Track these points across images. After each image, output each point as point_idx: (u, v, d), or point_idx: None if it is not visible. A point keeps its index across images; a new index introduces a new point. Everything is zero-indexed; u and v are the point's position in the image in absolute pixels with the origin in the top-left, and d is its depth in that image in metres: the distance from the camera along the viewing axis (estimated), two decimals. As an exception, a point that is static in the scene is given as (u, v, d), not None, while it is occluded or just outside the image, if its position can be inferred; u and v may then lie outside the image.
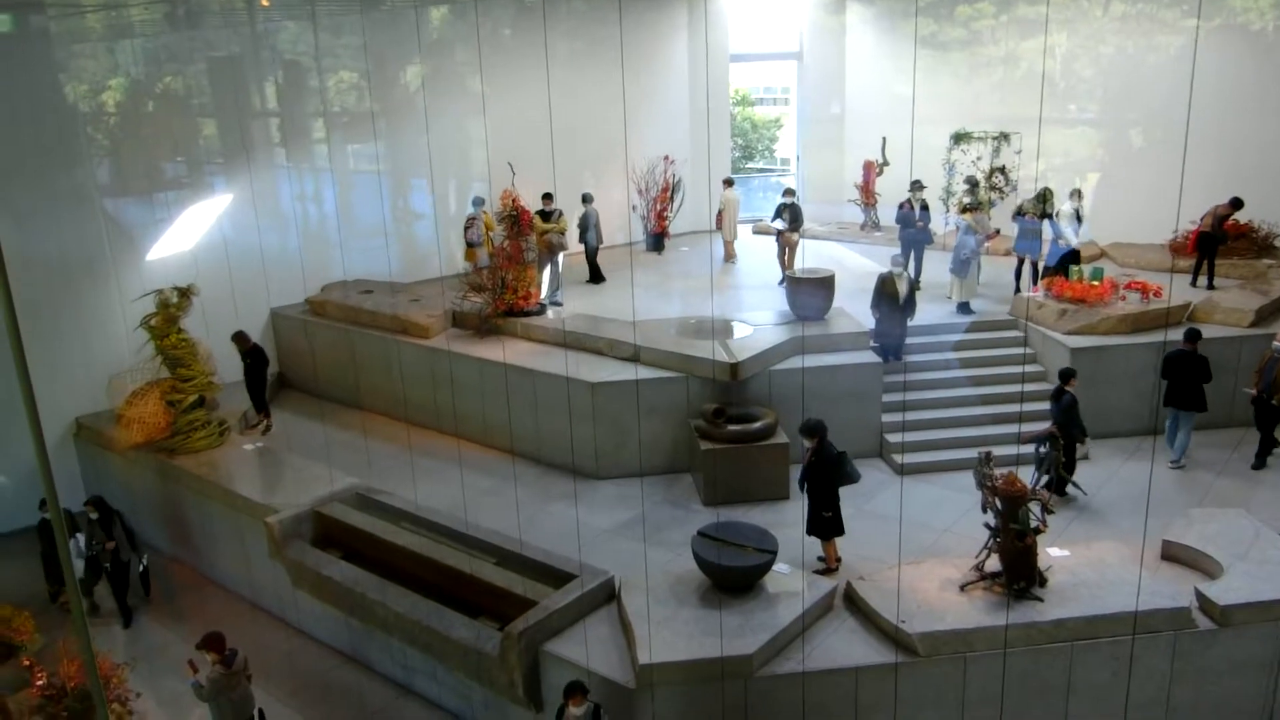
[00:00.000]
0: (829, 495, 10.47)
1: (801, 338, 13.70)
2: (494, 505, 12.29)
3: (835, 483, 10.47)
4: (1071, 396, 11.80)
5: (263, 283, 15.25)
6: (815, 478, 10.49)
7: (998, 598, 9.13)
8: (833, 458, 10.43)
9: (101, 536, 11.95)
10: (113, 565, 12.07)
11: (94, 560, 12.12)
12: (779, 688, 8.63)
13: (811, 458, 10.50)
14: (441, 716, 10.41)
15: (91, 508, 12.07)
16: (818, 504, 10.53)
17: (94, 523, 12.01)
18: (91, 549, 12.02)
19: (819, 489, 10.49)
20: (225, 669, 9.04)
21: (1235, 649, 8.98)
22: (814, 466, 10.47)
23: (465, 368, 14.40)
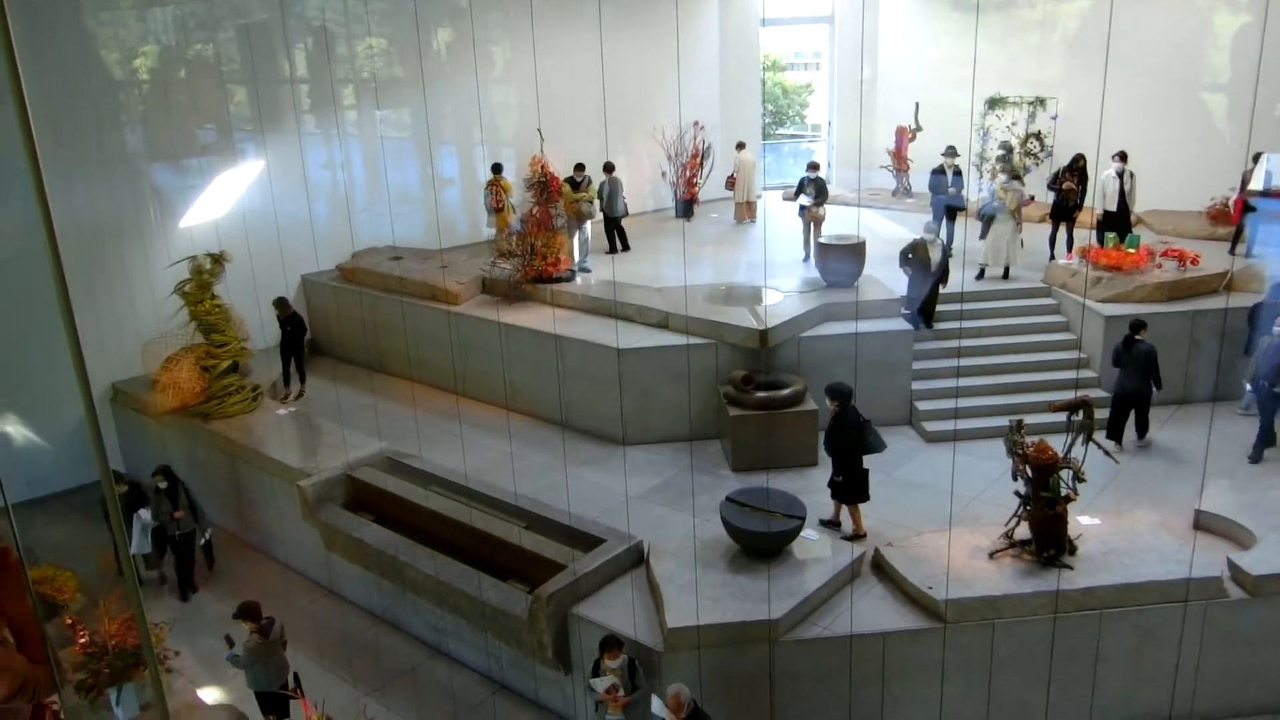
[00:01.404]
0: (848, 460, 10.46)
1: (829, 305, 13.63)
2: (522, 469, 12.36)
3: (856, 449, 10.45)
4: (1150, 345, 11.77)
5: (294, 249, 15.34)
6: (834, 442, 10.50)
7: (1026, 565, 9.11)
8: (855, 424, 10.41)
9: (169, 507, 11.93)
10: (180, 536, 12.06)
11: (160, 531, 12.09)
12: (805, 652, 8.68)
13: (832, 421, 10.51)
14: (471, 677, 10.56)
15: (160, 477, 12.02)
16: (836, 468, 10.56)
17: (161, 493, 11.97)
18: (159, 519, 11.98)
19: (838, 453, 10.50)
20: (262, 638, 9.20)
21: (1266, 619, 8.92)
22: (833, 430, 10.48)
23: (494, 333, 14.45)
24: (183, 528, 12.02)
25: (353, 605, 11.94)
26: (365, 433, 12.91)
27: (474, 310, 14.99)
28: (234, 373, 13.68)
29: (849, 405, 10.47)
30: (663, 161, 20.74)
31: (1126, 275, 13.96)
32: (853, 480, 10.51)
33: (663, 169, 20.85)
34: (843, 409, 10.45)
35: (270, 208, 15.47)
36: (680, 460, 12.46)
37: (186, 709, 9.67)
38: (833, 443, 10.53)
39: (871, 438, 10.48)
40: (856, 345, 13.10)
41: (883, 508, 11.26)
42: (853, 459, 10.47)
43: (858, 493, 10.59)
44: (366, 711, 8.11)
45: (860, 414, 10.51)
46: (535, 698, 10.05)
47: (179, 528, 12.00)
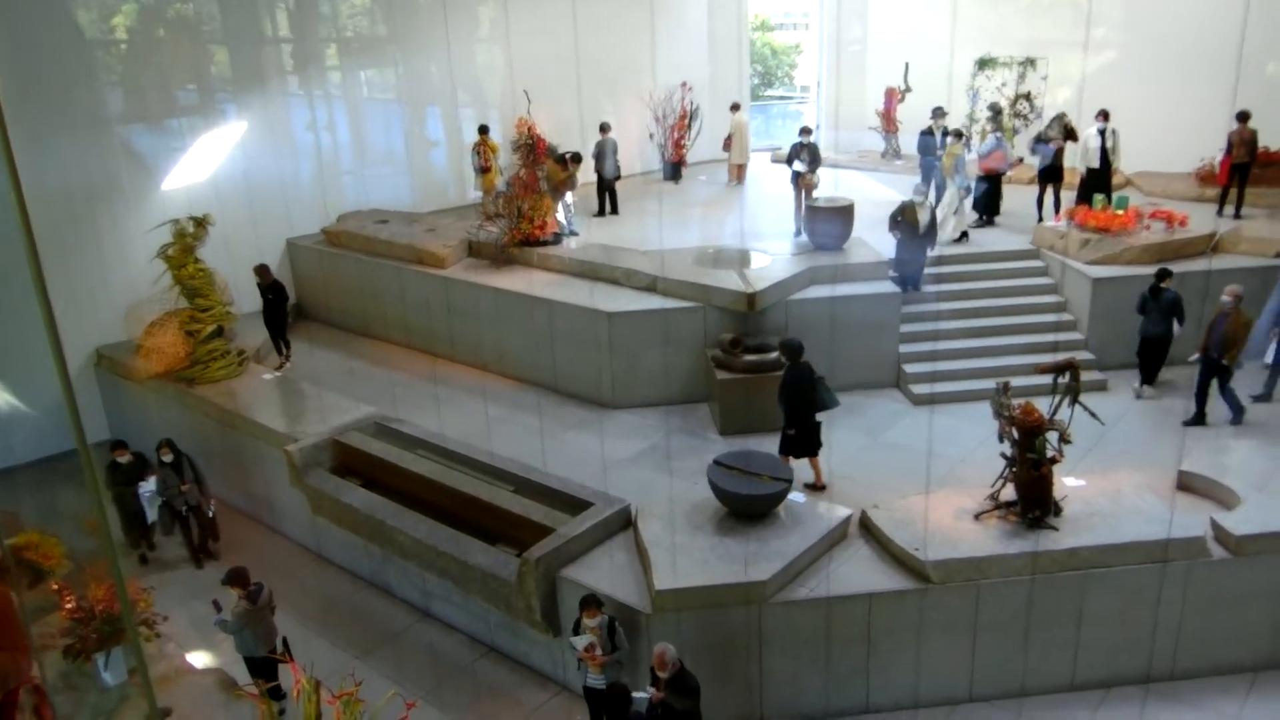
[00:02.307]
0: (800, 415, 10.64)
1: (817, 268, 13.60)
2: (510, 433, 12.38)
3: (809, 404, 10.64)
4: (1175, 293, 12.02)
5: (278, 212, 15.22)
6: (787, 396, 10.69)
7: (1012, 527, 9.16)
8: (808, 379, 10.63)
9: (176, 480, 11.68)
10: (187, 509, 11.85)
11: (168, 504, 11.83)
12: (792, 613, 8.73)
13: (785, 376, 10.78)
14: (459, 639, 10.61)
15: (165, 449, 11.71)
16: (788, 422, 10.76)
17: (167, 466, 11.70)
18: (165, 493, 11.73)
19: (791, 408, 10.68)
20: (250, 604, 9.19)
21: (1248, 578, 9.01)
22: (785, 385, 10.72)
23: (481, 297, 14.38)
24: (189, 500, 11.79)
25: (340, 569, 11.96)
26: (352, 397, 12.86)
27: (460, 274, 14.90)
28: (218, 337, 13.58)
29: (801, 361, 10.68)
30: (650, 123, 20.57)
31: (1114, 237, 13.95)
32: (805, 435, 10.69)
33: (650, 131, 20.68)
34: (795, 365, 10.68)
35: (253, 170, 15.32)
36: (668, 424, 12.46)
37: (176, 673, 9.69)
38: (785, 397, 10.72)
39: (824, 394, 10.72)
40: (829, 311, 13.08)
41: (869, 470, 11.32)
42: (804, 414, 10.65)
43: (809, 446, 10.78)
44: (355, 674, 8.12)
45: (814, 370, 10.69)
46: (523, 659, 10.11)
47: (186, 500, 11.77)
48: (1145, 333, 12.58)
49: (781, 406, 10.81)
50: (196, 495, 11.83)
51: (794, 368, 10.73)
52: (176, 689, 9.23)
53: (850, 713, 9.07)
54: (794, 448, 10.81)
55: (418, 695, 9.23)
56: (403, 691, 8.42)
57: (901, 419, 12.66)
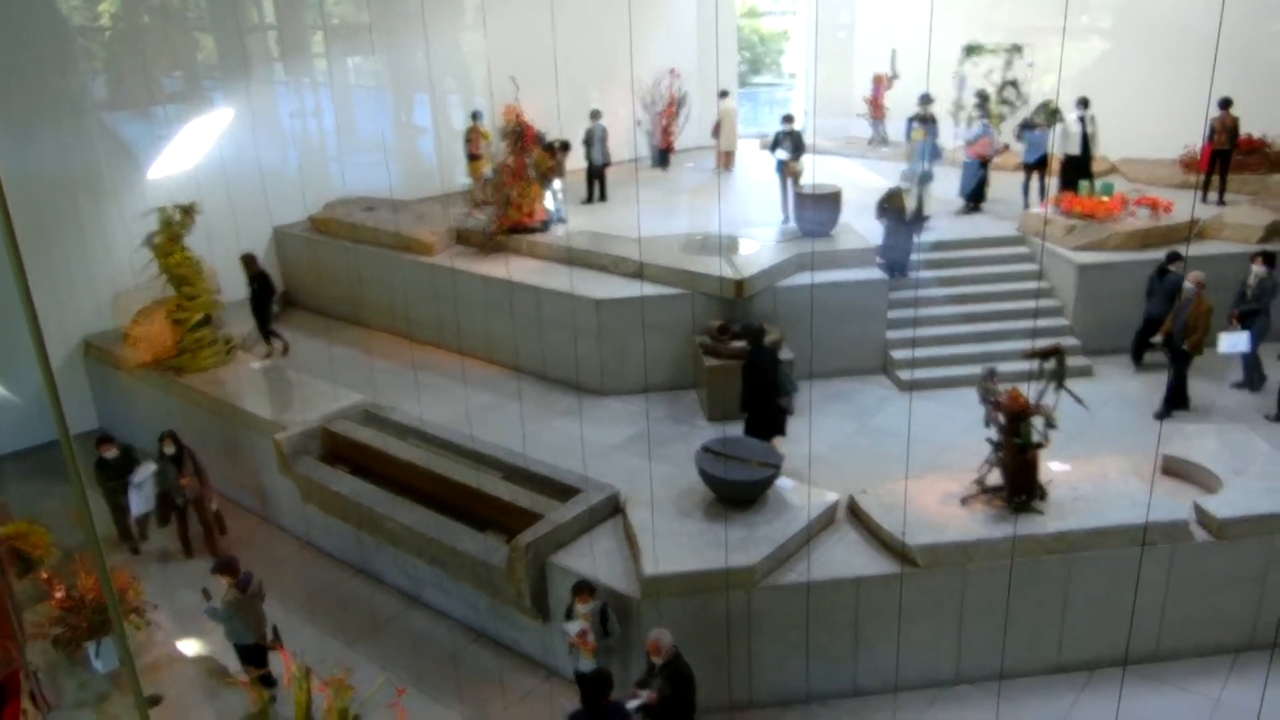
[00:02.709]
0: (760, 398, 10.88)
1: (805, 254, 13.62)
2: (498, 421, 12.40)
3: (770, 388, 10.87)
4: (1180, 275, 12.11)
5: (265, 200, 15.13)
6: (747, 379, 10.92)
7: (998, 511, 9.24)
8: (769, 363, 10.87)
9: (175, 473, 11.48)
10: (184, 503, 11.68)
11: (166, 497, 11.70)
12: (781, 598, 8.80)
13: (745, 360, 10.98)
14: (449, 626, 10.65)
15: (168, 442, 11.49)
16: (748, 405, 10.99)
17: (168, 459, 11.49)
18: (165, 485, 11.58)
19: (750, 391, 10.94)
20: (240, 592, 9.21)
21: (1230, 562, 9.11)
22: (746, 369, 10.92)
23: (469, 285, 14.37)
24: (188, 494, 11.61)
25: (330, 557, 11.98)
26: (340, 385, 12.85)
27: (448, 261, 14.88)
28: (206, 325, 13.55)
29: (763, 345, 10.92)
30: (639, 110, 20.52)
31: (1100, 223, 14.02)
32: (766, 417, 10.88)
33: (638, 118, 20.64)
34: (756, 348, 10.88)
35: (240, 158, 15.24)
36: (656, 410, 12.49)
37: (166, 661, 9.71)
38: (745, 380, 10.92)
39: (784, 379, 10.94)
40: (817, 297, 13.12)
41: (857, 455, 11.39)
42: (765, 397, 10.82)
43: (771, 428, 10.93)
44: (345, 662, 8.17)
45: (776, 354, 10.94)
46: (513, 645, 10.15)
47: (185, 495, 11.59)
48: (1148, 313, 12.77)
49: (743, 390, 11.06)
50: (197, 489, 11.60)
51: (755, 352, 10.99)
52: (167, 677, 9.25)
53: (838, 696, 9.16)
54: (753, 429, 10.99)
55: (407, 682, 9.29)
56: (393, 678, 8.48)
57: (889, 404, 12.73)
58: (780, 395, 10.97)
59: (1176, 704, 8.88)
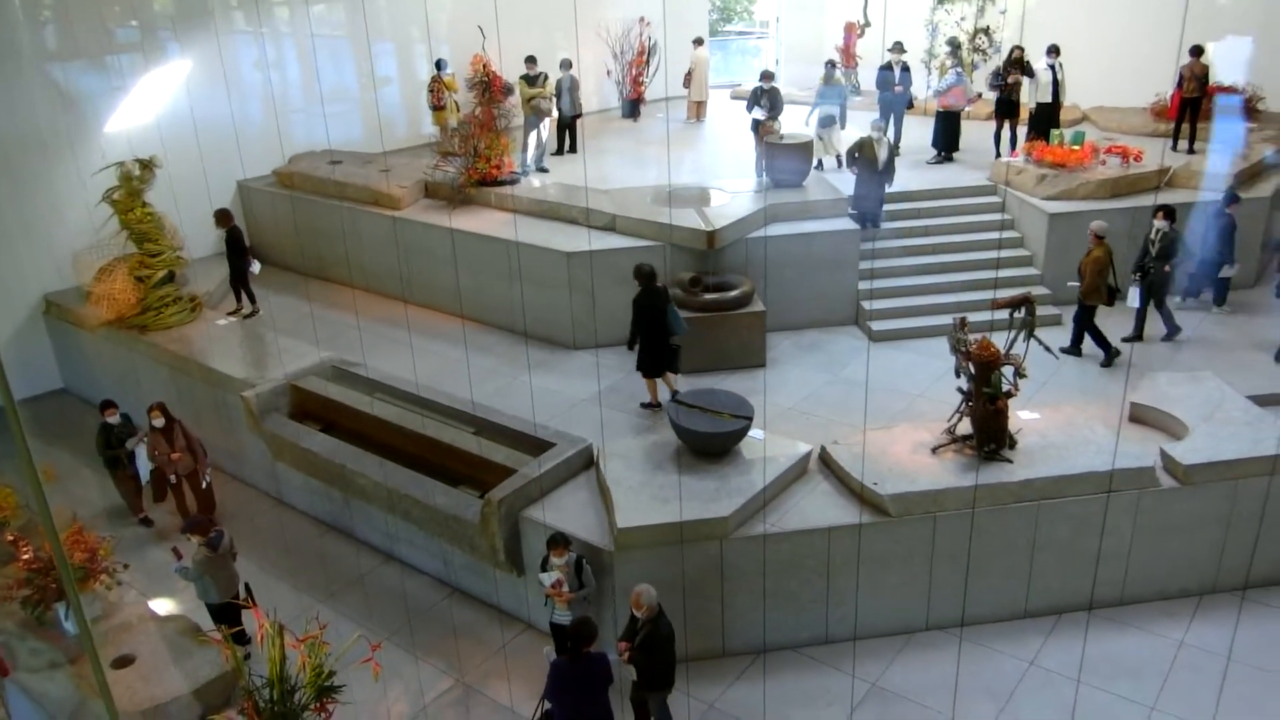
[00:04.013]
0: (646, 334, 11.13)
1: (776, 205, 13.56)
2: (470, 375, 12.31)
3: (657, 325, 11.05)
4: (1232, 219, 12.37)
5: (227, 154, 14.82)
6: (637, 319, 11.15)
7: (968, 460, 9.31)
8: (657, 301, 11.00)
9: (166, 448, 11.15)
10: (177, 478, 11.34)
11: (159, 471, 11.33)
12: (754, 548, 8.84)
13: (635, 300, 11.17)
14: (423, 581, 10.66)
15: (157, 412, 11.13)
16: (639, 345, 11.22)
17: (157, 432, 11.13)
18: (154, 460, 11.19)
19: (641, 330, 11.16)
20: (211, 551, 9.14)
21: (1195, 506, 9.25)
22: (636, 309, 11.13)
23: (438, 239, 14.20)
24: (180, 470, 11.30)
25: (302, 514, 11.92)
26: (309, 341, 12.70)
27: (417, 215, 14.69)
28: (170, 283, 13.32)
29: (653, 285, 11.08)
30: (608, 60, 20.25)
31: (1071, 172, 14.02)
32: (654, 354, 11.18)
33: (608, 67, 20.37)
34: (647, 289, 11.05)
35: (200, 111, 14.88)
36: (628, 363, 12.43)
37: (139, 620, 9.64)
38: (636, 318, 11.16)
39: (672, 319, 11.07)
40: (789, 248, 13.07)
41: (829, 406, 11.43)
42: (653, 334, 11.09)
43: (658, 366, 11.26)
44: (319, 618, 8.14)
45: (666, 294, 11.10)
46: (488, 599, 10.18)
47: (177, 469, 11.26)
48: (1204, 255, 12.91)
49: (632, 329, 11.26)
50: (190, 463, 11.31)
51: (646, 290, 11.10)
52: (138, 636, 9.19)
53: (811, 643, 9.26)
54: (644, 366, 11.30)
55: (383, 637, 9.29)
56: (368, 634, 8.47)
57: (860, 355, 12.75)
58: (670, 334, 11.19)
59: (1141, 646, 9.06)
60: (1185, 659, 8.87)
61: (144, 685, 8.62)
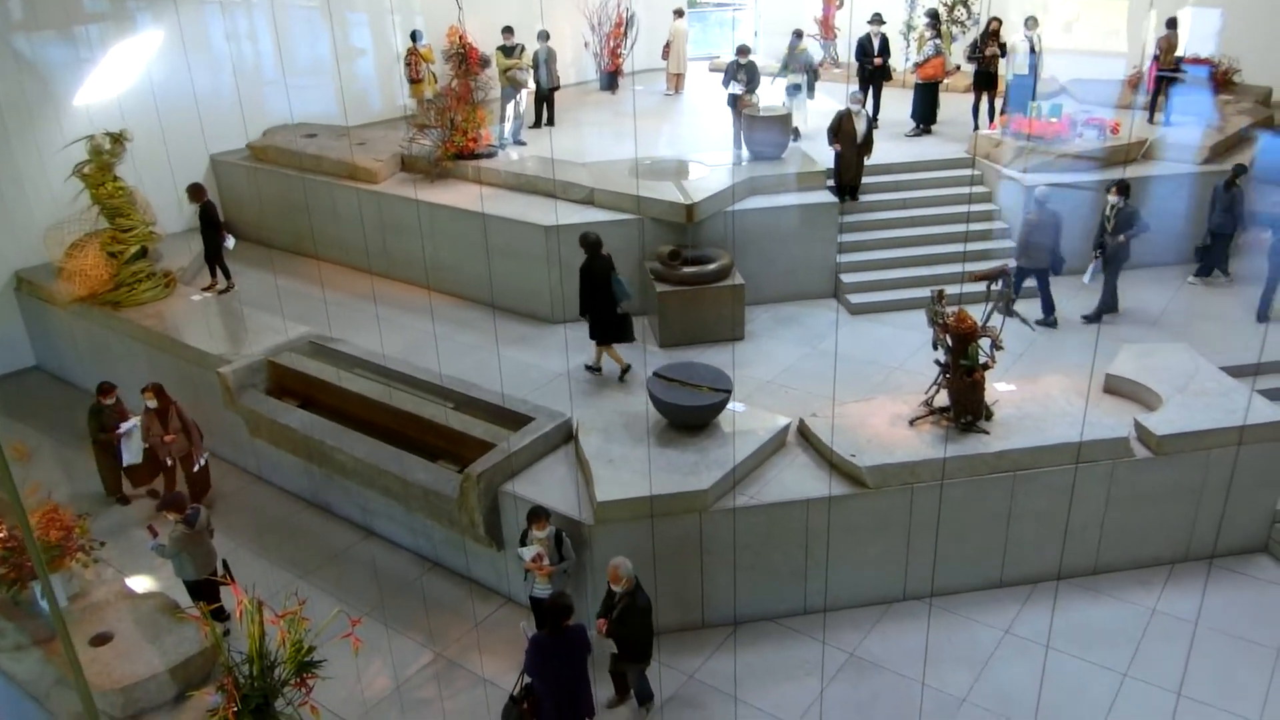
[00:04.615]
0: (592, 303, 11.29)
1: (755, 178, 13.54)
2: (448, 350, 12.26)
3: (603, 294, 11.20)
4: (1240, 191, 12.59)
5: (200, 127, 14.61)
6: (583, 287, 11.31)
7: (945, 431, 9.37)
8: (604, 271, 11.16)
9: (160, 429, 10.91)
10: (171, 461, 11.14)
11: (152, 453, 11.13)
12: (732, 520, 8.88)
13: (582, 269, 11.30)
14: (403, 556, 10.66)
15: (150, 394, 10.88)
16: (588, 312, 11.40)
17: (151, 413, 10.90)
18: (148, 441, 10.98)
19: (588, 298, 11.32)
20: (188, 528, 9.09)
21: (1167, 476, 9.36)
22: (582, 277, 11.29)
23: (415, 213, 14.09)
24: (174, 452, 11.10)
25: (281, 490, 11.88)
26: (285, 317, 12.59)
27: (394, 189, 14.56)
28: (143, 258, 13.17)
29: (599, 254, 11.19)
30: (586, 31, 20.07)
31: (1049, 144, 14.04)
32: (602, 322, 11.33)
33: (586, 39, 20.20)
34: (592, 256, 11.19)
35: (172, 83, 14.65)
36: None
37: (116, 598, 9.59)
38: (582, 287, 11.30)
39: (617, 287, 11.19)
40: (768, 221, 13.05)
41: (807, 379, 11.47)
42: (600, 303, 11.23)
43: (607, 334, 11.42)
44: (299, 594, 8.12)
45: (610, 263, 11.17)
46: (468, 573, 10.20)
47: (170, 452, 11.05)
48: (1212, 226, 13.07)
49: (580, 297, 11.41)
50: (185, 445, 11.11)
51: (591, 260, 11.22)
52: (116, 614, 9.14)
53: (790, 614, 9.34)
54: (596, 334, 11.50)
55: (362, 612, 9.30)
56: (347, 609, 8.46)
57: (838, 328, 12.78)
58: (616, 302, 11.30)
59: (1115, 614, 9.18)
60: (1157, 626, 9.01)
61: (122, 663, 8.58)
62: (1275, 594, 9.32)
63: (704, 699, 8.56)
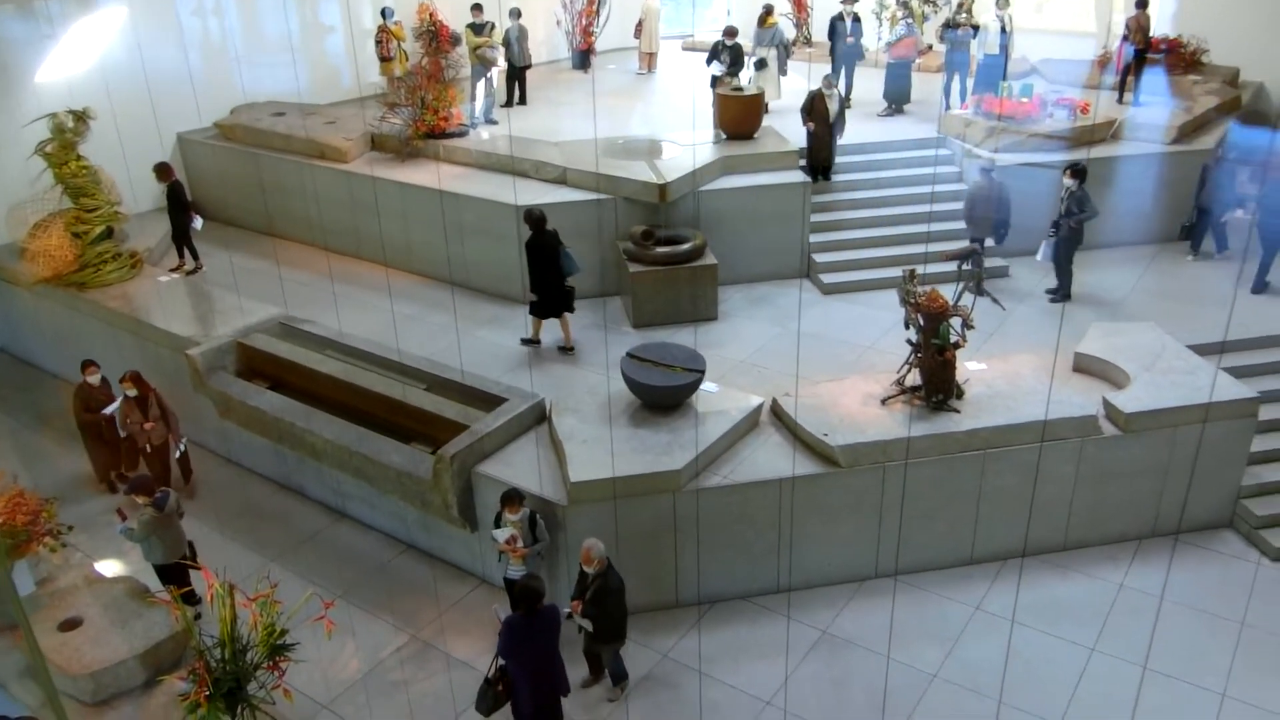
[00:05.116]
0: (540, 278, 11.38)
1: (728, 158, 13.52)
2: (421, 331, 12.21)
3: (551, 269, 11.32)
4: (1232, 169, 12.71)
5: (166, 105, 14.36)
6: (529, 260, 11.40)
7: (916, 410, 9.43)
8: (549, 246, 11.27)
9: (139, 417, 10.69)
10: (150, 449, 10.88)
11: (131, 440, 10.90)
12: (706, 500, 8.92)
13: (527, 244, 11.39)
14: (377, 538, 10.62)
15: (129, 382, 10.67)
16: (534, 287, 11.48)
17: (130, 401, 10.67)
18: (127, 429, 10.76)
19: (535, 273, 11.41)
20: (157, 511, 9.00)
21: (1135, 454, 9.47)
22: (529, 252, 11.39)
23: (386, 193, 13.97)
24: (153, 439, 10.85)
25: (252, 473, 11.79)
26: (254, 298, 12.46)
27: (364, 168, 14.40)
28: (108, 239, 12.98)
29: (543, 228, 11.28)
30: (557, 9, 19.91)
31: (1019, 123, 14.10)
32: (549, 297, 11.45)
33: (558, 17, 20.04)
34: (537, 231, 11.27)
35: (137, 60, 14.37)
36: (580, 318, 12.38)
37: (85, 583, 9.51)
38: (530, 262, 11.39)
39: (565, 260, 11.35)
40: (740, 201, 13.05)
41: (780, 359, 11.49)
42: (547, 278, 11.33)
43: (554, 308, 11.53)
44: (271, 577, 8.07)
45: (557, 238, 11.28)
46: (442, 555, 10.18)
47: (150, 440, 10.81)
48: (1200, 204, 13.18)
49: (528, 271, 11.49)
50: (163, 433, 10.91)
51: (537, 235, 11.29)
52: (85, 599, 9.07)
53: (763, 593, 9.40)
54: (539, 309, 11.59)
55: (336, 595, 9.27)
56: (320, 591, 8.41)
57: (811, 308, 12.82)
58: (564, 276, 11.38)
59: (1083, 590, 9.31)
60: (1124, 601, 9.14)
61: (92, 648, 8.52)
62: (1239, 569, 9.49)
63: (678, 678, 8.61)
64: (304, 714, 8.35)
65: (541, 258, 11.30)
